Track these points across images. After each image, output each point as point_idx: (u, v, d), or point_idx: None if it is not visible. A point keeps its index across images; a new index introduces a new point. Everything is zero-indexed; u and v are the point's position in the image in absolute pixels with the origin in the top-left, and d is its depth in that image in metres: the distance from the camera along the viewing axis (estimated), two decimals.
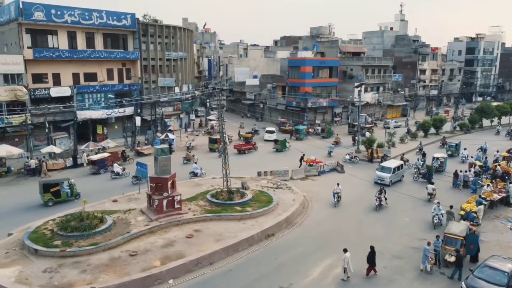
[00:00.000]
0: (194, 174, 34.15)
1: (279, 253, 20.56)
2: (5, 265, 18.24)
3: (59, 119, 43.24)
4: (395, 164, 33.83)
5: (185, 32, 58.99)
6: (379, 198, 27.17)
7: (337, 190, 27.96)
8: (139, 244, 20.35)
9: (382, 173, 32.70)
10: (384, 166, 33.36)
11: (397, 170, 33.20)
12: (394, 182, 33.00)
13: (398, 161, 35.05)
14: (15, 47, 42.43)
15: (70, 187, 28.61)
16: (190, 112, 62.41)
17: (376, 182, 32.37)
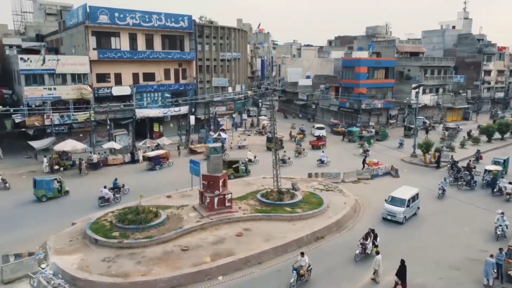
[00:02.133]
0: (321, 162, 38.75)
1: (329, 257, 20.24)
2: (69, 252, 19.52)
3: (120, 117, 45.58)
4: (410, 193, 25.79)
5: (239, 33, 59.83)
6: (362, 245, 19.85)
7: None
8: (190, 240, 20.93)
9: (393, 207, 24.94)
10: (396, 197, 25.20)
11: (412, 202, 25.60)
12: (409, 218, 25.54)
13: (413, 189, 26.82)
14: (81, 49, 45.26)
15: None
16: (243, 111, 63.18)
17: (385, 219, 25.21)
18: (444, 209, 27.65)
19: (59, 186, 29.71)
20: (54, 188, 29.35)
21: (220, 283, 17.89)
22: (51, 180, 29.39)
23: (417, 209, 26.49)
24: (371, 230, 20.73)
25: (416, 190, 26.70)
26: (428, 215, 26.35)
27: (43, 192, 28.74)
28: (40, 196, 28.66)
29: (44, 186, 28.76)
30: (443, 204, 28.59)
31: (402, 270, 17.23)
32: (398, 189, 26.95)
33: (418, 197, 26.46)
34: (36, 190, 28.83)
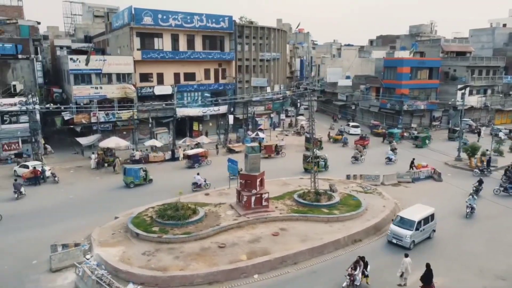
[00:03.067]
0: (389, 160, 39.90)
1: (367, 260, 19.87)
2: (112, 245, 20.35)
3: (161, 116, 46.88)
4: (423, 213, 22.20)
5: (279, 33, 59.85)
6: (351, 275, 17.27)
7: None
8: (227, 237, 21.23)
9: (399, 229, 21.55)
10: (404, 218, 21.90)
11: (424, 224, 21.92)
12: (418, 243, 21.72)
13: (427, 209, 23.00)
14: (126, 49, 46.93)
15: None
16: (281, 112, 63.17)
17: (390, 242, 21.85)
18: (468, 232, 23.85)
19: (144, 175, 32.37)
20: (140, 176, 32.04)
21: (255, 281, 18.03)
22: (138, 169, 32.30)
23: (432, 232, 22.69)
24: (360, 258, 17.88)
25: (431, 210, 22.78)
26: (446, 238, 22.46)
27: (131, 179, 31.62)
28: (129, 183, 31.62)
29: (132, 174, 31.69)
30: (469, 226, 24.82)
31: (427, 275, 16.82)
32: (410, 207, 23.79)
33: (433, 219, 22.56)
34: (126, 177, 31.76)
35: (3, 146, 38.96)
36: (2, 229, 23.37)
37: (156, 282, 17.38)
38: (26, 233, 22.82)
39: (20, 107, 37.69)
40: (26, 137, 39.43)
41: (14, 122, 39.21)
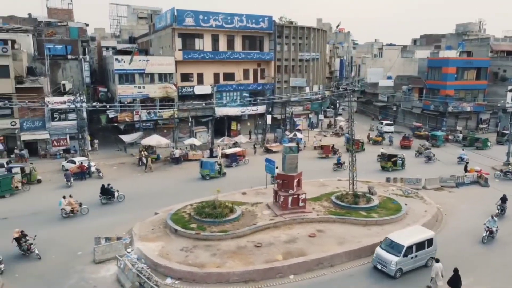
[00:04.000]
0: (461, 160, 38.77)
1: None
2: (151, 240, 20.96)
3: (200, 115, 47.77)
4: (416, 238, 18.90)
5: (318, 32, 59.32)
6: None
7: None
8: (263, 237, 21.30)
9: (385, 254, 18.52)
10: (393, 241, 18.79)
11: (417, 250, 18.53)
12: (410, 271, 18.60)
13: (425, 232, 19.65)
14: (168, 50, 48.15)
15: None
16: (319, 112, 62.57)
17: (375, 267, 19.02)
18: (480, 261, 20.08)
19: (219, 168, 33.90)
20: (215, 169, 33.66)
21: (291, 282, 17.98)
22: (214, 163, 34.03)
23: (431, 260, 18.75)
24: None
25: (429, 234, 19.39)
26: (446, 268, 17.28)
27: (207, 172, 33.40)
28: (205, 175, 33.43)
29: (208, 167, 33.51)
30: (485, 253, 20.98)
31: (455, 279, 16.34)
32: (405, 229, 20.94)
33: (431, 244, 19.01)
34: (202, 170, 33.62)
35: (52, 142, 41.05)
36: (51, 221, 24.68)
37: (193, 278, 17.72)
38: (72, 225, 23.98)
39: (69, 105, 39.60)
40: (73, 133, 41.35)
41: (63, 119, 41.21)
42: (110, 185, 29.04)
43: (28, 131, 39.71)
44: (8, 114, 38.75)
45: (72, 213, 25.47)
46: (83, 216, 25.47)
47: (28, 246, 19.62)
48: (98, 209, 26.89)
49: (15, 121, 39.04)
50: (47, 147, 40.88)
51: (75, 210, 25.61)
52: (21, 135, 39.20)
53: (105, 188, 28.38)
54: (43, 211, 26.38)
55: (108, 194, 28.20)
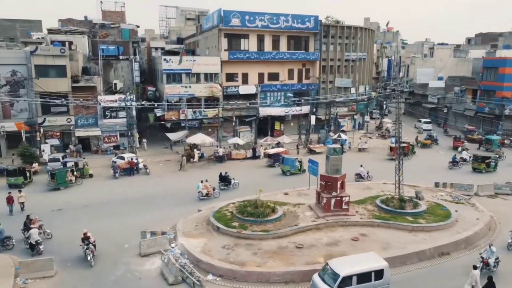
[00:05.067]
0: None
1: (454, 276, 18.40)
2: (194, 236, 21.40)
3: (244, 114, 48.21)
4: (359, 267, 15.91)
5: (366, 32, 58.00)
6: None
7: None
8: (305, 238, 21.12)
9: (320, 282, 15.88)
10: (331, 269, 15.94)
11: (359, 283, 15.61)
12: None
13: (376, 262, 16.52)
14: (214, 50, 48.98)
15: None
16: (365, 113, 61.17)
17: None
18: None
19: (299, 165, 34.77)
20: (296, 166, 34.63)
21: None
22: (295, 159, 34.95)
23: None
24: None
25: (381, 265, 16.21)
26: None
27: (288, 168, 34.44)
28: (285, 171, 34.48)
29: (289, 163, 34.53)
30: None
31: (489, 286, 15.60)
32: (355, 255, 18.15)
33: (381, 277, 15.94)
34: (283, 166, 34.73)
35: (104, 138, 43.02)
36: (101, 214, 25.84)
37: (234, 275, 17.89)
38: (120, 219, 24.97)
39: (119, 104, 41.31)
40: (123, 131, 43.08)
41: (114, 117, 43.06)
42: (227, 173, 32.28)
43: (82, 127, 41.89)
44: (64, 111, 41.04)
45: (207, 196, 28.35)
46: (130, 211, 26.45)
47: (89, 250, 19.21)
48: (145, 204, 27.82)
49: (70, 118, 41.29)
50: (99, 143, 42.90)
51: (209, 193, 28.78)
52: (76, 131, 41.42)
53: (223, 176, 31.72)
54: (94, 204, 27.75)
55: (225, 181, 31.52)
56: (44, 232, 21.72)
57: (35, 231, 20.46)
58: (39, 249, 20.11)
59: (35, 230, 20.52)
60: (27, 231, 20.87)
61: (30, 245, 20.23)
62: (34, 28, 61.92)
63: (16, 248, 20.71)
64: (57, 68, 39.94)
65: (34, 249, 20.14)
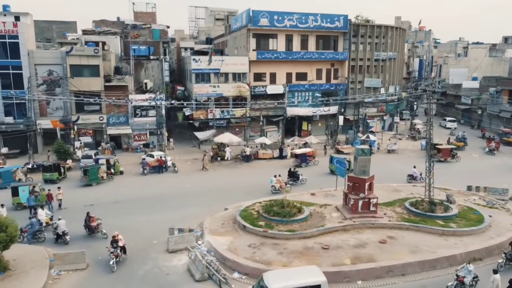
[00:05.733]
0: None
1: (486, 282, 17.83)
2: (221, 234, 21.63)
3: (272, 114, 48.23)
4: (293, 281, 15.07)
5: (396, 31, 56.84)
6: None
7: None
8: (331, 239, 20.96)
9: None
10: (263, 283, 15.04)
11: None
12: None
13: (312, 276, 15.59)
14: (243, 50, 49.24)
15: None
16: (395, 114, 59.97)
17: None
18: None
19: (348, 165, 33.80)
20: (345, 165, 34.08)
21: (358, 287, 17.50)
22: (343, 158, 34.00)
23: None
24: None
25: (318, 280, 15.21)
26: None
27: (334, 168, 33.87)
28: (334, 170, 33.78)
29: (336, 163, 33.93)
30: None
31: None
32: (294, 268, 17.42)
33: None
34: (331, 165, 34.82)
35: (134, 137, 44.05)
36: (131, 210, 26.53)
37: (260, 274, 17.92)
38: (149, 215, 25.56)
39: (150, 103, 42.19)
40: (153, 129, 43.97)
41: (144, 116, 44.02)
42: (296, 169, 33.92)
43: (114, 126, 43.04)
44: (97, 110, 42.29)
45: (280, 189, 29.66)
46: (159, 208, 26.98)
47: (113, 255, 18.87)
48: (173, 201, 28.32)
49: (102, 116, 42.50)
50: (129, 141, 43.96)
51: (282, 187, 29.92)
52: (107, 129, 42.61)
53: (291, 171, 33.00)
54: (124, 200, 28.53)
55: (294, 176, 32.71)
56: (101, 231, 22.25)
57: (63, 222, 21.58)
58: (65, 239, 21.36)
59: (62, 221, 21.62)
60: (88, 228, 22.03)
61: (56, 235, 21.46)
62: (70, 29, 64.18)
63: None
64: (90, 68, 41.24)
65: (60, 238, 21.43)
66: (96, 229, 22.10)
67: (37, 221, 21.85)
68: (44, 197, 26.81)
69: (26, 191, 26.62)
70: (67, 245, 21.05)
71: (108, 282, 17.75)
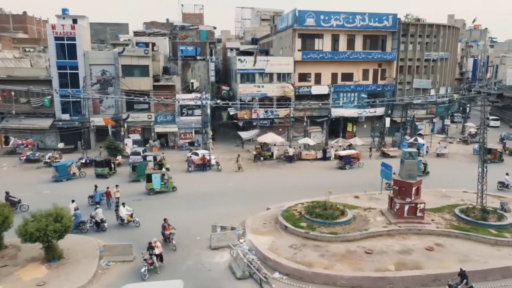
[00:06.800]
0: None
1: None
2: (262, 234, 21.74)
3: (316, 115, 47.86)
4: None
5: (449, 30, 54.47)
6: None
7: None
8: (375, 244, 20.47)
9: None
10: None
11: None
12: None
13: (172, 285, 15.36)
14: (288, 50, 49.17)
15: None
16: (445, 117, 57.50)
17: None
18: None
19: (423, 167, 34.32)
20: (420, 168, 33.51)
21: None
22: (419, 161, 33.65)
23: None
24: None
25: None
26: None
27: None
28: None
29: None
30: None
31: None
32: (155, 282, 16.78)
33: None
34: None
35: (180, 135, 45.26)
36: (176, 205, 27.33)
37: (301, 275, 17.90)
38: (193, 211, 26.18)
39: (196, 102, 43.18)
40: (198, 128, 44.97)
41: (190, 114, 45.11)
42: None
43: (161, 124, 44.46)
44: (145, 108, 43.86)
45: None
46: (203, 205, 27.56)
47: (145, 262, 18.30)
48: (216, 199, 28.84)
49: (151, 115, 44.02)
50: (175, 140, 45.22)
51: None
52: (155, 127, 44.09)
53: None
54: (169, 196, 29.40)
55: None
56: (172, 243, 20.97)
57: (100, 211, 23.28)
58: (103, 226, 23.05)
59: (100, 210, 23.40)
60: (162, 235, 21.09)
61: (95, 223, 23.10)
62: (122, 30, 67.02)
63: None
64: (141, 68, 42.84)
65: (99, 226, 23.06)
66: (168, 238, 20.87)
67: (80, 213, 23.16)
68: (171, 184, 30.44)
69: (158, 178, 29.94)
70: (105, 232, 22.80)
71: (153, 274, 18.34)
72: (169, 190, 30.45)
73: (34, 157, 38.56)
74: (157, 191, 29.99)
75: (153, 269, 18.47)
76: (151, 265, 18.34)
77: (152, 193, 29.87)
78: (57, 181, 32.44)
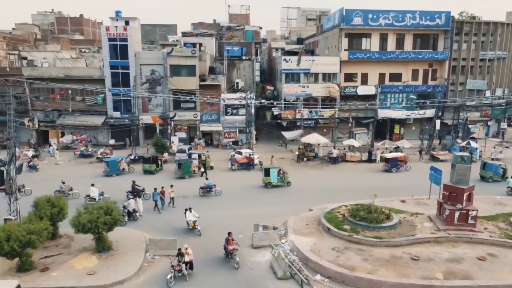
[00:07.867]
0: None
1: None
2: (304, 235, 21.59)
3: (361, 116, 46.82)
4: None
5: (507, 27, 51.37)
6: None
7: None
8: (422, 250, 19.72)
9: None
10: None
11: None
12: None
13: None
14: (334, 50, 48.47)
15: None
16: (502, 120, 54.29)
17: None
18: None
19: (502, 172, 34.07)
20: (499, 173, 34.03)
21: None
22: (498, 166, 34.44)
23: None
24: None
25: None
26: None
27: (491, 174, 34.00)
28: (487, 177, 34.05)
29: (493, 169, 34.13)
30: None
31: None
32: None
33: None
34: (486, 172, 34.17)
35: (224, 134, 45.92)
36: (221, 203, 27.82)
37: (343, 279, 17.60)
38: (236, 210, 26.46)
39: (240, 102, 43.63)
40: (242, 127, 45.39)
41: (234, 114, 45.65)
42: None
43: (206, 123, 45.35)
44: (192, 107, 44.91)
45: None
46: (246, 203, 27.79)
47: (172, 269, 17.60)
48: (259, 198, 28.98)
49: (196, 114, 45.01)
50: (220, 138, 45.93)
51: None
52: (200, 126, 45.04)
53: None
54: (212, 194, 29.82)
55: None
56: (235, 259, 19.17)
57: (132, 202, 24.64)
58: (135, 215, 24.44)
59: (132, 201, 24.69)
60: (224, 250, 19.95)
61: (127, 213, 24.18)
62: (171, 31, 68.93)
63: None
64: (188, 68, 43.91)
65: (131, 216, 24.32)
66: (231, 254, 19.23)
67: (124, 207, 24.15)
68: (287, 178, 31.99)
69: (275, 172, 31.59)
70: (136, 221, 24.25)
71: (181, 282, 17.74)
72: (284, 184, 31.83)
73: (87, 153, 40.65)
74: (274, 185, 31.49)
75: (181, 277, 17.73)
76: (179, 272, 17.55)
77: (269, 187, 31.43)
78: (108, 176, 33.99)
